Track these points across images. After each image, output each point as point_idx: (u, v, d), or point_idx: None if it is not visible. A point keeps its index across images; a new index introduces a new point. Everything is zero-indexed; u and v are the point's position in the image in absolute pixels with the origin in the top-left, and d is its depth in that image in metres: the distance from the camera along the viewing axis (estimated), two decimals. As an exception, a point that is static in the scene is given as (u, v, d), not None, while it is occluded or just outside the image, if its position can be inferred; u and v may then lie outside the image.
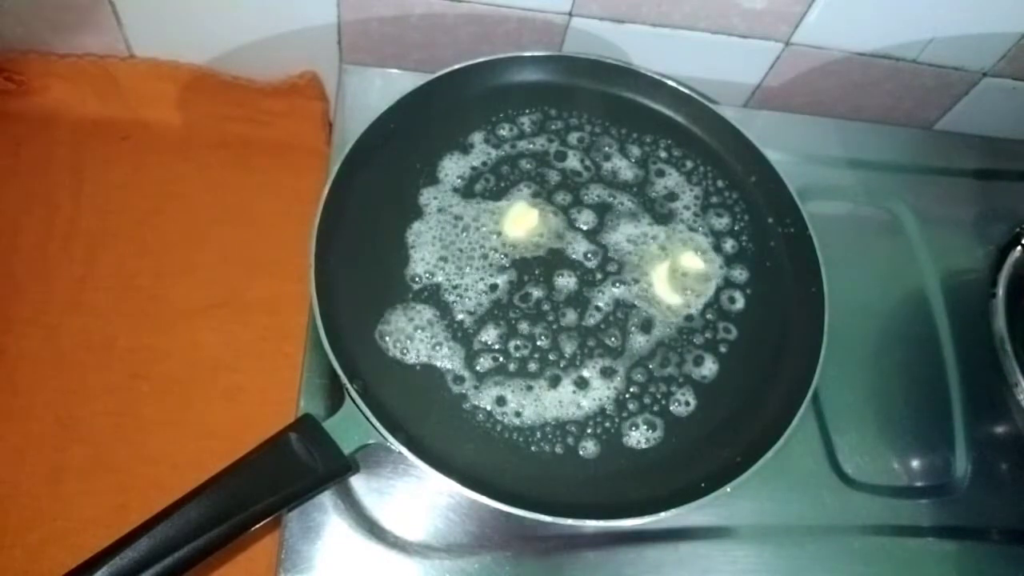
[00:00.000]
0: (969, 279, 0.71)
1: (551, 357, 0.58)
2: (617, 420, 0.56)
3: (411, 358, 0.56)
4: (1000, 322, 0.63)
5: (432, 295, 0.58)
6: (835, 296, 0.60)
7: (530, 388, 0.56)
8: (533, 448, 0.55)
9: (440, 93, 0.63)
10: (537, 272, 0.61)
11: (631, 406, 0.57)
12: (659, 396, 0.58)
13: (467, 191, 0.63)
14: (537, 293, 0.60)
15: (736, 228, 0.66)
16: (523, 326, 0.58)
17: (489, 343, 0.57)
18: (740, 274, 0.64)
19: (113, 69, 0.74)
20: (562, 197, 0.64)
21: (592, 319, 0.60)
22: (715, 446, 0.56)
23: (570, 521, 0.50)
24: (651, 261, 0.62)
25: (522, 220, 0.62)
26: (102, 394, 0.62)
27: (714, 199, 0.66)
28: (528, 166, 0.65)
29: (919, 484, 0.63)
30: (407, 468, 0.56)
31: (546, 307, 0.59)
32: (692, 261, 0.63)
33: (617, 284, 0.61)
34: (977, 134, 0.82)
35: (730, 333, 0.61)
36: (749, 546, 0.58)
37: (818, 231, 0.63)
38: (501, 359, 0.57)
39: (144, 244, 0.69)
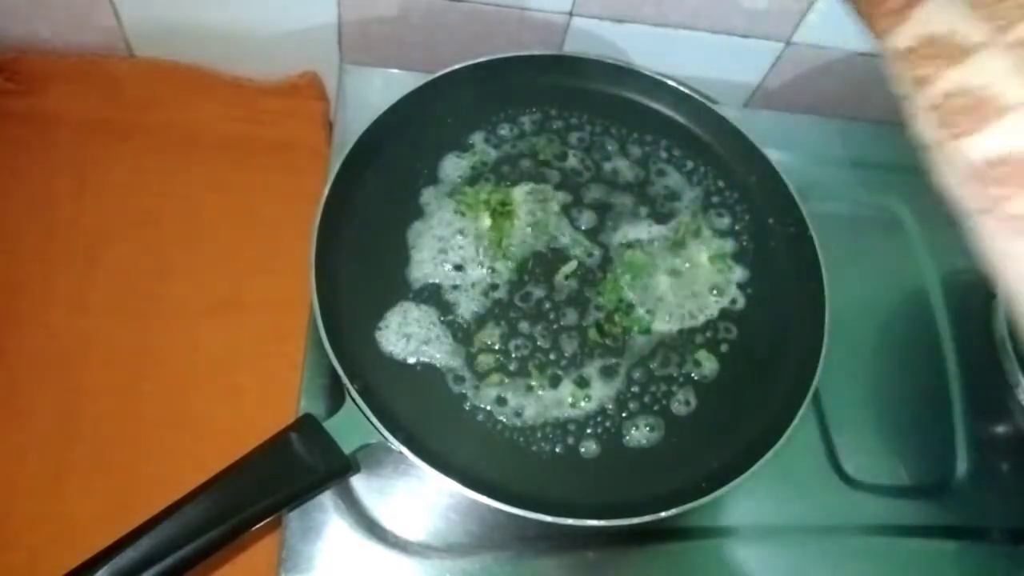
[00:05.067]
0: (969, 279, 0.71)
1: (551, 357, 0.58)
2: (617, 420, 0.56)
3: (411, 358, 0.56)
4: (1001, 322, 0.63)
5: (432, 295, 0.58)
6: (836, 296, 0.60)
7: (530, 388, 0.56)
8: (533, 448, 0.55)
9: (440, 93, 0.63)
10: (537, 272, 0.61)
11: (631, 406, 0.57)
12: (659, 396, 0.58)
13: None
14: (537, 293, 0.60)
15: (736, 228, 0.66)
16: (523, 326, 0.58)
17: (489, 343, 0.57)
18: (740, 274, 0.64)
19: (113, 69, 0.74)
20: (562, 197, 0.64)
21: (592, 318, 0.60)
22: (715, 446, 0.56)
23: (570, 521, 0.50)
24: (651, 260, 0.62)
25: (522, 220, 0.62)
26: (102, 394, 0.62)
27: (714, 199, 0.66)
28: (528, 166, 0.65)
29: (919, 484, 0.63)
30: (407, 468, 0.56)
31: (547, 307, 0.59)
32: (692, 260, 0.63)
33: (617, 283, 0.61)
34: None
35: (730, 333, 0.61)
36: (749, 546, 0.58)
37: (818, 231, 0.63)
38: (501, 359, 0.57)
39: (144, 244, 0.68)
